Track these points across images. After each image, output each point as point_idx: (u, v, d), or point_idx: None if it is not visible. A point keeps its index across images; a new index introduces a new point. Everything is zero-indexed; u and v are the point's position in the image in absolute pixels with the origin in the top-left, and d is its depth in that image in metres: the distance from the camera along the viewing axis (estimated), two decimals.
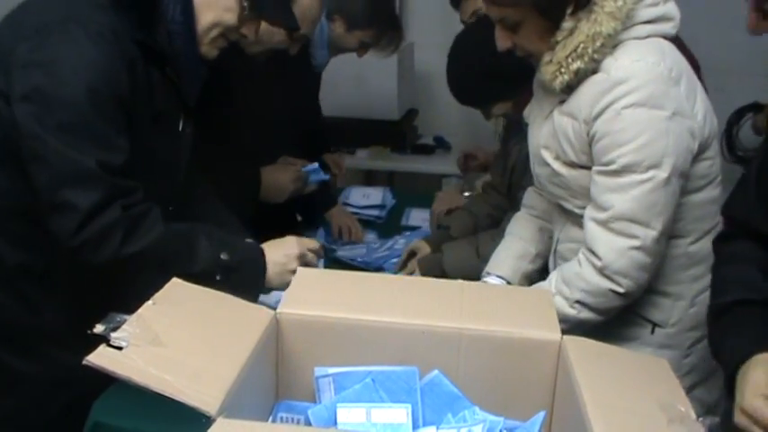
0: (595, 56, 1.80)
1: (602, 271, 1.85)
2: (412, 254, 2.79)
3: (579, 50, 1.80)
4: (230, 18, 1.96)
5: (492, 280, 2.27)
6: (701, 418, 1.17)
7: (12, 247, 1.88)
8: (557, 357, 1.41)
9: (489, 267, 2.31)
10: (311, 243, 2.13)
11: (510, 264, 2.28)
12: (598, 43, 1.79)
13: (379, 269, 2.73)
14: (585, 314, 1.89)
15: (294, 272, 1.76)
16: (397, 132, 4.58)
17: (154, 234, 1.81)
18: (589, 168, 1.88)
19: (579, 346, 1.38)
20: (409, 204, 3.42)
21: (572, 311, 1.88)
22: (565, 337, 1.40)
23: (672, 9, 1.90)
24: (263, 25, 2.13)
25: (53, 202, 1.75)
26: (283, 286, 1.81)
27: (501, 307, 1.51)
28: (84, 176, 1.74)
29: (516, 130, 2.60)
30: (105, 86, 1.75)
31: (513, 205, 2.64)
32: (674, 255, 1.95)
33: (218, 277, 1.81)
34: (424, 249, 2.77)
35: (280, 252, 2.02)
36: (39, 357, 1.94)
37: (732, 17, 4.95)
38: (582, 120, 1.85)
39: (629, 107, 1.77)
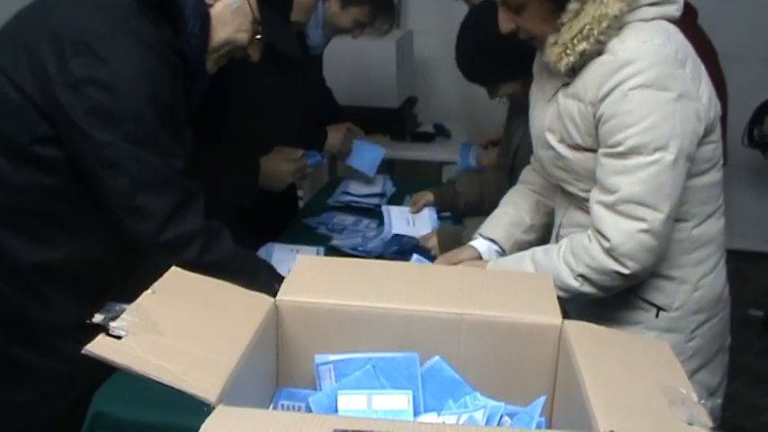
0: (601, 37, 1.79)
1: (609, 252, 1.84)
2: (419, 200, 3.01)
3: (585, 32, 1.80)
4: (242, 38, 2.03)
5: (478, 243, 2.28)
6: (702, 401, 1.17)
7: (27, 245, 1.90)
8: (557, 342, 1.40)
9: (481, 230, 2.33)
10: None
11: (503, 229, 2.30)
12: (604, 24, 1.78)
13: (379, 257, 2.72)
14: (587, 288, 1.89)
15: None
16: (396, 120, 4.57)
17: (229, 248, 1.95)
18: (594, 151, 1.88)
19: (580, 331, 1.37)
20: (409, 192, 3.41)
21: (575, 283, 1.88)
22: (566, 321, 1.40)
23: None
24: None
25: (132, 206, 1.82)
26: None
27: (501, 292, 1.50)
28: (161, 181, 1.83)
29: (517, 113, 2.60)
30: (160, 96, 1.82)
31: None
32: (678, 238, 1.94)
33: None
34: (429, 196, 3.02)
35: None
36: (51, 352, 1.96)
37: (730, 2, 4.99)
38: (588, 101, 1.85)
39: (636, 88, 1.76)
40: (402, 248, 2.79)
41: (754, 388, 4.16)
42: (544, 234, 2.34)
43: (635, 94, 1.77)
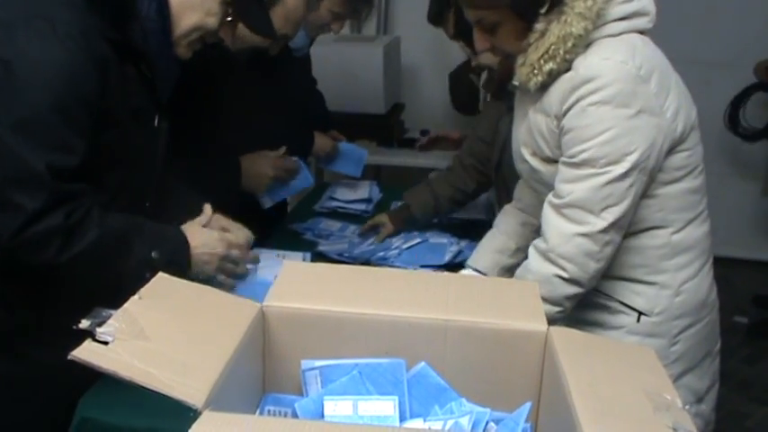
0: (567, 56, 1.84)
1: (546, 254, 1.91)
2: (374, 226, 3.00)
3: (551, 52, 1.84)
4: (212, 22, 1.97)
5: (468, 273, 2.33)
6: (687, 406, 1.18)
7: None
8: (543, 348, 1.41)
9: (470, 261, 2.38)
10: (240, 237, 2.19)
11: (489, 257, 2.35)
12: (569, 44, 1.82)
13: (365, 263, 2.72)
14: (546, 308, 1.89)
15: (217, 269, 2.05)
16: (383, 126, 4.58)
17: (90, 237, 1.79)
18: None
19: (565, 337, 1.38)
20: (396, 198, 3.41)
21: None
22: (551, 327, 1.41)
23: (647, 4, 1.92)
24: (243, 27, 2.14)
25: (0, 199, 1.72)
26: (203, 275, 2.02)
27: (487, 298, 1.51)
28: (30, 179, 1.71)
29: (502, 107, 2.62)
30: (68, 87, 1.72)
31: (499, 182, 2.68)
32: (656, 245, 1.98)
33: (147, 275, 1.78)
34: (388, 225, 2.99)
35: (205, 249, 2.06)
36: (14, 356, 1.92)
37: (716, 9, 5.02)
38: (553, 115, 1.90)
39: (595, 104, 1.81)
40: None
41: (739, 394, 4.18)
42: None
43: (593, 109, 1.81)
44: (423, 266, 2.66)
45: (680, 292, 2.00)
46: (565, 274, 1.90)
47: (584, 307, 2.03)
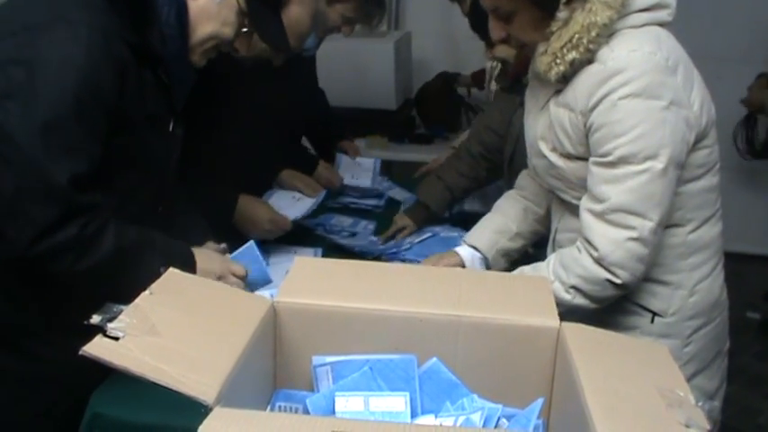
0: (591, 46, 1.79)
1: (599, 261, 1.84)
2: (401, 229, 2.92)
3: (574, 41, 1.79)
4: (228, 32, 1.97)
5: (462, 250, 2.31)
6: (699, 403, 1.17)
7: None
8: (555, 344, 1.40)
9: (466, 237, 2.35)
10: (238, 269, 2.16)
11: (487, 236, 2.32)
12: (593, 33, 1.77)
13: (377, 258, 2.72)
14: (580, 300, 1.88)
15: None
16: (394, 122, 4.57)
17: (105, 249, 1.79)
18: (586, 160, 1.87)
19: (577, 333, 1.38)
20: (408, 189, 3.42)
21: (567, 296, 1.88)
22: (563, 323, 1.40)
23: None
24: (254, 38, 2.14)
25: (13, 209, 1.71)
26: None
27: (499, 294, 1.50)
28: (48, 192, 1.70)
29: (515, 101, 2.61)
30: (89, 90, 1.72)
31: (511, 174, 2.66)
32: (672, 244, 1.94)
33: None
34: (411, 226, 2.92)
35: (204, 266, 2.05)
36: (22, 354, 1.92)
37: (727, 4, 4.99)
38: (578, 111, 1.84)
39: (626, 98, 1.76)
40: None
41: (751, 390, 4.16)
42: (532, 241, 2.36)
43: (625, 103, 1.76)
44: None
45: (694, 292, 1.98)
46: (617, 280, 1.84)
47: (596, 309, 1.98)
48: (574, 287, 1.88)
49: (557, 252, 1.99)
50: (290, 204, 2.60)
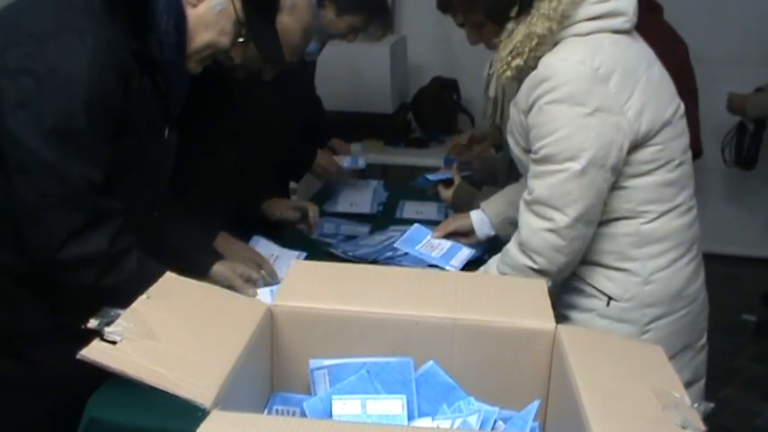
0: (533, 54, 1.97)
1: (521, 246, 2.05)
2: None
3: (518, 49, 1.97)
4: (224, 41, 1.99)
5: (474, 214, 2.52)
6: (695, 404, 1.17)
7: None
8: (551, 347, 1.41)
9: (483, 203, 2.54)
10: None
11: (498, 205, 2.51)
12: (533, 42, 1.96)
13: (373, 262, 2.72)
14: None
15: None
16: (390, 126, 4.58)
17: (129, 272, 1.81)
18: None
19: (573, 336, 1.38)
20: (403, 197, 3.41)
21: None
22: (559, 326, 1.41)
23: (623, 5, 2.01)
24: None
25: (33, 217, 1.74)
26: None
27: (495, 297, 1.51)
28: (70, 196, 1.73)
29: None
30: (98, 97, 1.74)
31: (510, 174, 2.69)
32: (624, 233, 2.07)
33: None
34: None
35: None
36: (23, 360, 1.92)
37: (722, 7, 5.01)
38: (521, 110, 2.03)
39: (551, 103, 1.93)
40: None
41: (747, 392, 4.17)
42: None
43: (550, 108, 1.94)
44: (431, 266, 2.65)
45: (650, 281, 2.06)
46: (535, 266, 2.02)
47: (559, 290, 2.14)
48: (503, 273, 2.08)
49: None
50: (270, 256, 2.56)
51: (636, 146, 1.97)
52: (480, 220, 2.51)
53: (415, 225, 2.60)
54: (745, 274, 5.23)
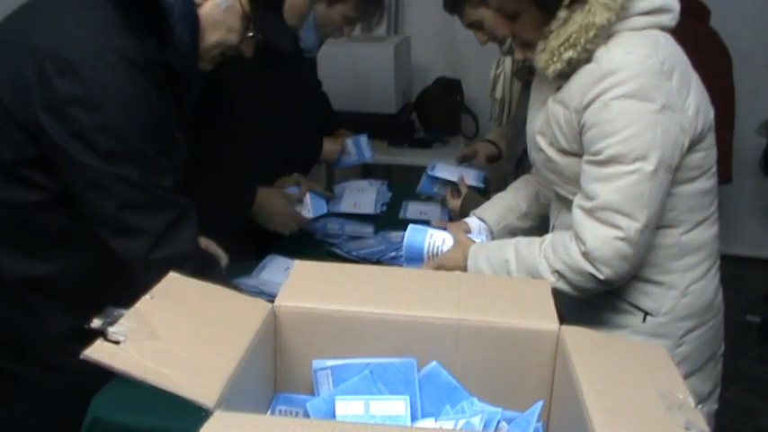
0: (588, 46, 1.82)
1: (585, 255, 1.87)
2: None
3: (572, 40, 1.83)
4: (233, 38, 2.01)
5: (472, 221, 2.40)
6: (699, 406, 1.17)
7: (14, 259, 1.89)
8: (555, 347, 1.40)
9: (476, 210, 2.44)
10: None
11: (496, 211, 2.41)
12: (591, 34, 1.81)
13: (376, 263, 2.72)
14: (562, 285, 1.91)
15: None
16: (394, 126, 4.58)
17: (217, 273, 1.94)
18: (580, 156, 1.90)
19: (577, 336, 1.38)
20: (407, 197, 3.41)
21: (551, 278, 1.91)
22: (563, 327, 1.40)
23: (672, 2, 1.91)
24: None
25: (118, 226, 1.81)
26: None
27: (498, 298, 1.50)
28: (149, 201, 1.81)
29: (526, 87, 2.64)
30: (145, 113, 1.79)
31: (519, 174, 2.67)
32: (665, 244, 1.96)
33: None
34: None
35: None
36: (42, 364, 1.94)
37: (729, 5, 4.99)
38: (573, 109, 1.87)
39: (618, 98, 1.79)
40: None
41: (750, 393, 4.17)
42: (540, 223, 2.38)
43: (616, 103, 1.79)
44: None
45: (687, 293, 1.99)
46: (600, 276, 1.87)
47: (588, 306, 2.03)
48: (558, 271, 1.92)
49: (552, 234, 2.03)
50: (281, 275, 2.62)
51: (689, 147, 1.88)
52: (478, 227, 2.40)
53: (411, 227, 2.36)
54: (750, 275, 5.23)
